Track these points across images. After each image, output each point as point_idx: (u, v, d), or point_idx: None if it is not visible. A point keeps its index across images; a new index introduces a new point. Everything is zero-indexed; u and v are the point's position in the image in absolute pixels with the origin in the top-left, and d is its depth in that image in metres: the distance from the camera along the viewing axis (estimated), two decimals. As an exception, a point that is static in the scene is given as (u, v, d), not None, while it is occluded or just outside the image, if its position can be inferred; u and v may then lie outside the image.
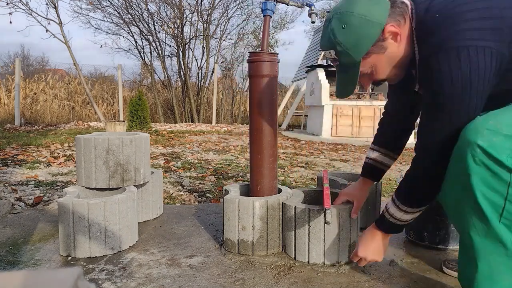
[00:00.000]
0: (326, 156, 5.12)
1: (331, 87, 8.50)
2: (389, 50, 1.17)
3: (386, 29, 1.13)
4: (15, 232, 1.93)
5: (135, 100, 7.32)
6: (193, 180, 3.33)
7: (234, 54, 14.93)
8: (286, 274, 1.52)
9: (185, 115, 13.64)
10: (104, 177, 1.90)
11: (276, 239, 1.71)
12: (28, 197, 2.60)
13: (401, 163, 4.75)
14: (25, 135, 6.75)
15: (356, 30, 1.13)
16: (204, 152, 5.21)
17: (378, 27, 1.13)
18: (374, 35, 1.13)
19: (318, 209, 1.59)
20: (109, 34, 16.09)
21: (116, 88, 12.81)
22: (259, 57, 1.72)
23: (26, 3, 10.80)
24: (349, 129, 8.10)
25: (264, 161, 1.77)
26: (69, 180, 3.22)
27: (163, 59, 13.39)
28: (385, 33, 1.14)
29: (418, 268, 1.59)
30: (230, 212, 1.71)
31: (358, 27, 1.13)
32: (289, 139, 7.77)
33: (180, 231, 1.99)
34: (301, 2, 2.03)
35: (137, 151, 1.97)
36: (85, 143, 1.88)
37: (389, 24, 1.13)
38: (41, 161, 4.07)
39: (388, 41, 1.15)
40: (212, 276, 1.49)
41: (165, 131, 8.10)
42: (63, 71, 15.92)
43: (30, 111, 11.73)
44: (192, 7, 13.15)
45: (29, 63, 20.62)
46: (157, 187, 2.22)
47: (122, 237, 1.72)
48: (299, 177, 3.60)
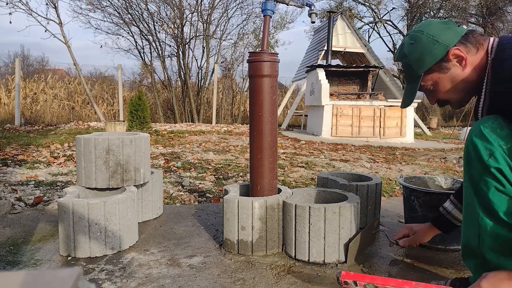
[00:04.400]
0: (326, 156, 5.12)
1: (331, 87, 8.51)
2: (452, 71, 1.24)
3: (451, 52, 1.21)
4: (15, 232, 1.93)
5: (135, 100, 7.32)
6: (193, 180, 3.33)
7: (234, 54, 14.96)
8: (286, 274, 1.52)
9: (185, 115, 13.64)
10: (104, 177, 1.90)
11: (276, 239, 1.72)
12: (28, 197, 2.60)
13: (401, 163, 4.75)
14: (25, 135, 6.75)
15: (421, 46, 1.24)
16: (204, 152, 5.21)
17: (444, 48, 1.22)
18: (437, 54, 1.22)
19: (318, 207, 1.59)
20: (109, 34, 16.11)
21: (116, 88, 12.81)
22: (259, 57, 1.72)
23: (26, 3, 10.82)
24: (349, 129, 8.10)
25: (264, 161, 1.77)
26: (69, 180, 3.22)
27: (163, 59, 13.41)
28: (449, 55, 1.21)
29: (418, 268, 1.59)
30: (229, 212, 1.71)
31: (424, 45, 1.24)
32: (289, 139, 7.77)
33: (180, 231, 1.99)
34: (301, 2, 2.03)
35: (137, 151, 1.97)
36: (85, 143, 1.88)
37: (455, 47, 1.21)
38: (41, 161, 4.07)
39: (452, 62, 1.22)
40: (212, 276, 1.49)
41: (165, 131, 8.10)
42: (63, 71, 15.93)
43: (30, 111, 11.74)
44: (192, 7, 13.17)
45: (29, 63, 20.64)
46: (157, 187, 2.22)
47: (122, 237, 1.72)
48: (299, 177, 3.60)
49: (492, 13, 17.08)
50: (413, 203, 1.84)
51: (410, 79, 1.32)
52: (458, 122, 14.67)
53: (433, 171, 4.24)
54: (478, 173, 1.10)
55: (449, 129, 13.12)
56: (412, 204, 1.84)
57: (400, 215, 2.29)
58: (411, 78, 1.31)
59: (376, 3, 18.62)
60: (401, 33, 18.46)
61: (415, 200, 1.82)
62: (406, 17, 17.87)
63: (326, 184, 2.17)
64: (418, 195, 1.80)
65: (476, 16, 18.07)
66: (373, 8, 18.83)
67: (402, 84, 15.22)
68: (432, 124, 13.61)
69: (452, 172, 4.16)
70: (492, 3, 16.31)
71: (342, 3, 18.79)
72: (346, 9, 17.58)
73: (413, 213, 1.84)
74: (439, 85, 1.27)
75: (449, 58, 1.22)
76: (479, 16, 17.79)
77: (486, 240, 1.12)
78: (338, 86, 9.18)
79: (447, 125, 15.97)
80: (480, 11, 17.31)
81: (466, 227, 1.21)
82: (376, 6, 18.74)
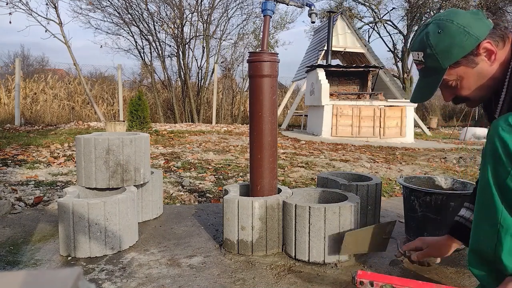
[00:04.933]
0: (326, 156, 5.12)
1: (331, 87, 8.51)
2: (480, 66, 1.16)
3: (482, 45, 1.13)
4: (15, 232, 1.93)
5: (135, 100, 7.32)
6: (193, 180, 3.33)
7: (234, 54, 14.96)
8: (286, 274, 1.52)
9: (185, 115, 13.64)
10: (104, 177, 1.90)
11: (276, 239, 1.72)
12: (28, 197, 2.60)
13: (401, 163, 4.75)
14: (25, 135, 6.74)
15: (451, 37, 1.14)
16: (204, 152, 5.21)
17: (475, 40, 1.13)
18: (468, 46, 1.13)
19: (318, 207, 1.59)
20: (109, 34, 16.12)
21: (116, 88, 12.81)
22: (259, 57, 1.72)
23: (26, 3, 10.82)
24: (349, 129, 8.10)
25: (264, 161, 1.77)
26: (69, 180, 3.22)
27: (163, 59, 13.41)
28: (479, 48, 1.14)
29: (418, 268, 1.59)
30: (229, 212, 1.71)
31: (454, 35, 1.13)
32: (289, 139, 7.77)
33: (180, 231, 1.99)
34: (301, 2, 2.03)
35: (137, 151, 1.97)
36: (85, 143, 1.88)
37: (486, 41, 1.13)
38: (41, 161, 4.07)
39: (481, 57, 1.15)
40: (212, 276, 1.49)
41: (165, 131, 8.10)
42: (63, 71, 15.92)
43: (30, 111, 11.74)
44: (192, 7, 13.17)
45: (29, 63, 20.64)
46: (157, 187, 2.22)
47: (122, 237, 1.72)
48: (299, 177, 3.60)
49: (492, 13, 17.08)
50: (413, 203, 1.84)
51: (431, 72, 1.21)
52: (458, 122, 14.68)
53: (433, 171, 4.24)
54: (505, 169, 1.04)
55: (449, 129, 13.14)
56: (412, 204, 1.84)
57: (400, 215, 2.29)
58: (433, 71, 1.20)
59: (376, 3, 18.63)
60: (401, 33, 18.46)
61: (415, 200, 1.82)
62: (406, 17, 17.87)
63: (326, 184, 2.17)
64: (418, 195, 1.80)
65: (476, 16, 18.01)
66: (373, 8, 18.84)
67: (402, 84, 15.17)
68: (432, 124, 13.63)
69: (452, 172, 4.16)
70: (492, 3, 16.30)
71: (342, 3, 18.80)
72: (346, 9, 17.58)
73: (413, 213, 1.84)
74: (463, 80, 1.19)
75: (479, 52, 1.14)
76: (479, 16, 17.74)
77: (506, 242, 1.05)
78: (338, 86, 9.19)
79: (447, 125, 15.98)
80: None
81: (477, 231, 1.14)
82: (376, 6, 18.74)
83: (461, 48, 1.13)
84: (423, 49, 1.19)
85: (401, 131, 8.19)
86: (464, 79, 1.18)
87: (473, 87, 1.19)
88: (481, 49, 1.13)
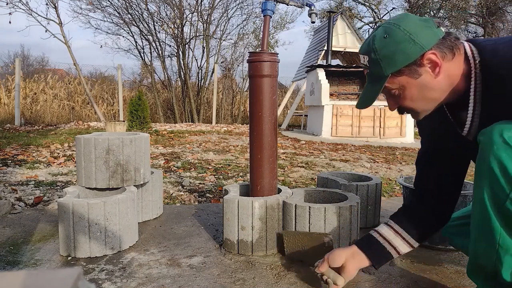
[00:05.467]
0: (326, 156, 5.12)
1: (331, 87, 8.51)
2: (423, 77, 1.08)
3: (426, 55, 1.05)
4: (15, 232, 1.93)
5: (135, 100, 7.32)
6: (193, 180, 3.34)
7: (234, 54, 14.95)
8: (286, 274, 1.52)
9: (185, 115, 13.64)
10: (104, 177, 1.90)
11: (276, 239, 1.71)
12: (28, 197, 2.60)
13: (401, 163, 4.75)
14: (25, 135, 6.74)
15: (396, 43, 1.06)
16: (204, 152, 5.21)
17: (420, 49, 1.05)
18: (412, 55, 1.06)
19: (318, 207, 1.59)
20: (109, 34, 16.07)
21: (116, 88, 12.81)
22: (259, 57, 1.73)
23: (26, 3, 10.82)
24: (349, 129, 8.11)
25: (264, 161, 1.77)
26: (69, 180, 3.22)
27: (163, 59, 13.41)
28: (423, 59, 1.06)
29: (418, 268, 1.59)
30: (229, 212, 1.71)
31: (399, 41, 1.06)
32: (289, 139, 7.77)
33: (180, 231, 1.99)
34: (301, 2, 2.03)
35: (137, 151, 1.97)
36: (85, 143, 1.88)
37: (431, 51, 1.05)
38: (41, 161, 4.07)
39: (425, 68, 1.07)
40: (212, 276, 1.49)
41: (165, 131, 8.10)
42: (63, 71, 15.93)
43: (30, 111, 11.74)
44: (192, 7, 13.17)
45: (29, 63, 20.65)
46: (157, 187, 2.22)
47: (122, 237, 1.72)
48: (299, 177, 3.60)
49: (492, 13, 17.09)
50: (413, 203, 1.83)
51: (374, 77, 1.14)
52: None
53: (433, 171, 4.22)
54: (503, 192, 0.96)
55: (449, 129, 13.10)
56: (412, 204, 1.83)
57: (400, 215, 2.29)
58: (376, 77, 1.13)
59: (376, 3, 18.64)
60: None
61: (415, 200, 1.82)
62: (406, 17, 17.86)
63: (326, 184, 2.17)
64: (418, 195, 1.80)
65: (476, 16, 18.08)
66: (373, 8, 18.85)
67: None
68: (432, 124, 13.60)
69: (452, 172, 4.15)
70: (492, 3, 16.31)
71: (342, 3, 18.81)
72: (346, 9, 17.59)
73: (413, 213, 1.84)
74: (406, 90, 1.11)
75: (422, 62, 1.06)
76: (479, 16, 17.80)
77: (506, 261, 1.01)
78: (338, 86, 9.19)
79: (447, 125, 15.94)
80: (480, 11, 17.32)
81: (475, 247, 1.09)
82: (376, 6, 18.75)
83: (405, 55, 1.06)
84: (368, 53, 1.12)
85: (401, 131, 8.19)
86: (407, 89, 1.11)
87: (416, 99, 1.12)
88: (425, 60, 1.06)
